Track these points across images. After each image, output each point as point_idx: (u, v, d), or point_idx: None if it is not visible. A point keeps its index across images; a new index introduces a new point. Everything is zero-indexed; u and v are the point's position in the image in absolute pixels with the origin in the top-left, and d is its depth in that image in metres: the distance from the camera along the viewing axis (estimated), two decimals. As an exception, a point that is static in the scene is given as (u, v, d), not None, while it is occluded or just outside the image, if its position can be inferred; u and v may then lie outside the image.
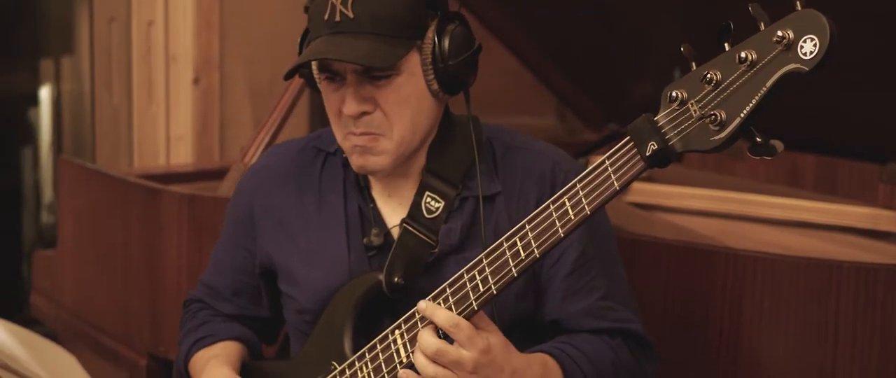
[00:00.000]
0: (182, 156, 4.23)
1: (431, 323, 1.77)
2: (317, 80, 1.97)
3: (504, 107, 4.43)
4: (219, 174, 3.35)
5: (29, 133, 5.36)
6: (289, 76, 1.91)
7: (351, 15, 1.84)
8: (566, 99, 4.12)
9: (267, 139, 3.00)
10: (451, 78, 1.91)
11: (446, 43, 1.89)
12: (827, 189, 3.38)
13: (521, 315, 2.00)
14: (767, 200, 3.17)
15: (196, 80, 4.18)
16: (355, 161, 1.95)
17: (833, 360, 2.33)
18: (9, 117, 5.28)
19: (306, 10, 1.94)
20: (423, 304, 1.78)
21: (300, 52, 1.97)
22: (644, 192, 3.35)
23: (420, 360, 1.77)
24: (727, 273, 2.40)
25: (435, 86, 1.92)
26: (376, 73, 1.87)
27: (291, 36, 2.05)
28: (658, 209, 3.27)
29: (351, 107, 1.89)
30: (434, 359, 1.75)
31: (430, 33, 1.90)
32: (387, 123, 1.90)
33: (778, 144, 1.53)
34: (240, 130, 4.31)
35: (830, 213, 3.09)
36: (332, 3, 1.85)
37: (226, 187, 2.97)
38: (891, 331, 2.31)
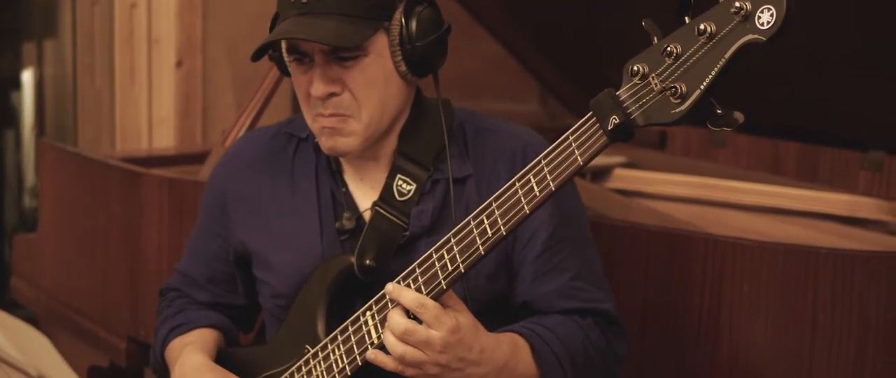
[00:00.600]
0: (164, 139, 4.22)
1: (400, 304, 1.78)
2: (286, 63, 1.97)
3: (486, 91, 4.43)
4: (200, 158, 3.34)
5: (11, 116, 5.35)
6: (256, 57, 1.91)
7: None
8: (549, 85, 4.12)
9: (248, 123, 2.99)
10: (419, 59, 1.92)
11: (414, 24, 1.90)
12: (808, 177, 3.38)
13: (493, 296, 2.01)
14: (747, 187, 3.18)
15: (179, 63, 4.17)
16: (324, 143, 1.95)
17: (811, 345, 2.34)
18: (-9, 100, 5.28)
19: None
20: (391, 286, 1.80)
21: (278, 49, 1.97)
22: (625, 178, 3.35)
23: (390, 339, 1.78)
24: (707, 259, 2.41)
25: (403, 67, 1.92)
26: (344, 54, 1.88)
27: (275, 19, 2.05)
28: (639, 195, 3.28)
29: (318, 88, 1.89)
30: (403, 338, 1.77)
31: (398, 15, 1.90)
32: (355, 105, 1.91)
33: (738, 116, 1.54)
34: (222, 114, 4.29)
35: (810, 199, 3.10)
36: None
37: (206, 171, 2.96)
38: (867, 316, 2.32)
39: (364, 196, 2.04)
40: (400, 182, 1.99)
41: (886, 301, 2.32)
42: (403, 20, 1.90)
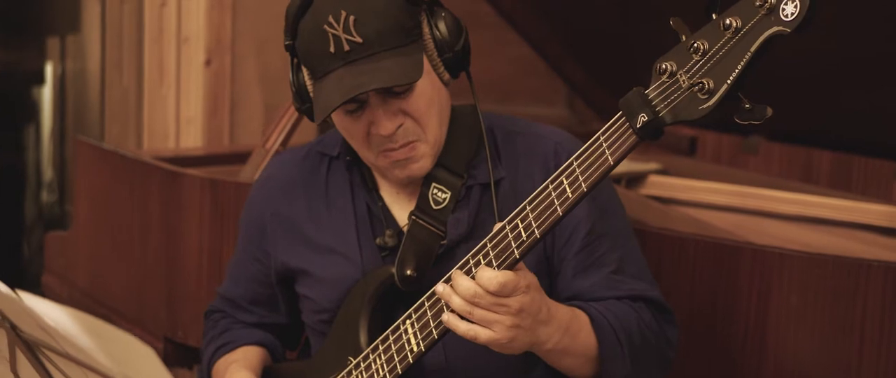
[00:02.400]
0: (192, 138, 4.22)
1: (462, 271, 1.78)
2: (330, 115, 1.93)
3: (514, 95, 4.43)
4: (229, 159, 3.35)
5: (32, 111, 5.34)
6: (318, 122, 1.91)
7: (360, 40, 1.83)
8: (579, 88, 4.12)
9: (288, 127, 2.98)
10: (458, 63, 1.93)
11: (444, 31, 1.91)
12: (841, 185, 3.38)
13: None
14: (785, 196, 3.16)
15: (208, 62, 4.16)
16: (399, 174, 1.96)
17: (859, 358, 2.33)
18: (13, 95, 5.27)
19: (290, 48, 1.92)
20: (441, 287, 1.80)
21: (297, 91, 1.94)
22: (660, 184, 3.35)
23: (460, 305, 1.77)
24: (754, 269, 2.40)
25: (446, 75, 1.94)
26: (399, 88, 1.88)
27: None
28: (673, 202, 3.27)
29: (387, 126, 1.89)
30: (474, 301, 1.76)
31: (425, 27, 1.90)
32: (419, 129, 1.92)
33: (767, 109, 1.55)
34: (250, 113, 4.29)
35: (848, 209, 3.09)
36: (334, 35, 1.83)
37: (248, 172, 2.95)
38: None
39: (401, 208, 2.04)
40: (435, 191, 1.99)
41: (936, 314, 2.32)
42: (434, 30, 1.91)
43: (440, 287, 1.81)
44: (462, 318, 1.78)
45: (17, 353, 1.45)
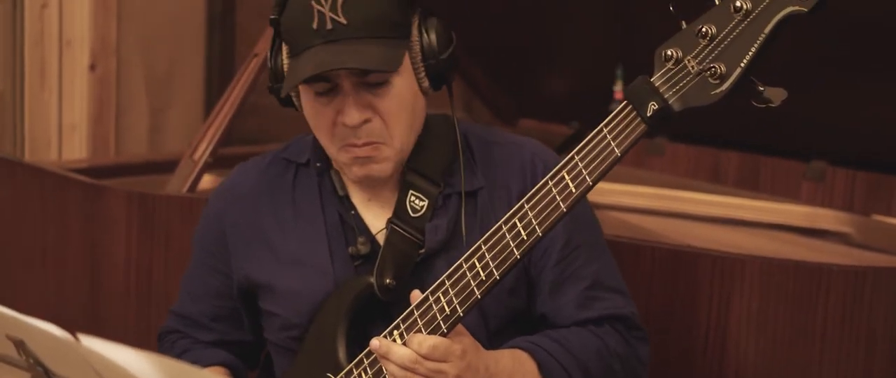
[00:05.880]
0: (76, 145, 4.04)
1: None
2: (298, 95, 1.90)
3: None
4: (144, 168, 3.22)
5: None
6: (285, 94, 1.87)
7: (344, 21, 1.79)
8: (478, 90, 4.09)
9: (217, 136, 2.86)
10: (440, 74, 1.89)
11: (433, 38, 1.87)
12: (749, 186, 3.43)
13: (514, 311, 1.98)
14: (708, 199, 3.22)
15: (92, 66, 4.00)
16: (357, 172, 1.90)
17: (819, 362, 2.36)
18: None
19: (274, 23, 1.87)
20: (376, 342, 1.78)
21: (273, 70, 1.91)
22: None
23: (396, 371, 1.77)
24: (714, 275, 2.40)
25: (426, 83, 1.89)
26: (374, 80, 1.83)
27: (191, 19, 1.97)
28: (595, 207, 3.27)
29: (353, 116, 1.83)
30: (412, 368, 1.75)
31: (415, 30, 1.86)
32: (386, 131, 1.87)
33: (780, 91, 1.55)
34: (137, 118, 4.16)
35: (770, 211, 3.15)
36: (319, 11, 1.79)
37: (175, 184, 2.82)
38: (875, 333, 2.35)
39: (375, 217, 1.98)
40: (412, 198, 1.94)
41: (895, 316, 2.36)
42: (423, 34, 1.86)
43: (375, 342, 1.79)
44: None
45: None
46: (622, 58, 3.53)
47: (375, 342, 1.77)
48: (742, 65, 1.52)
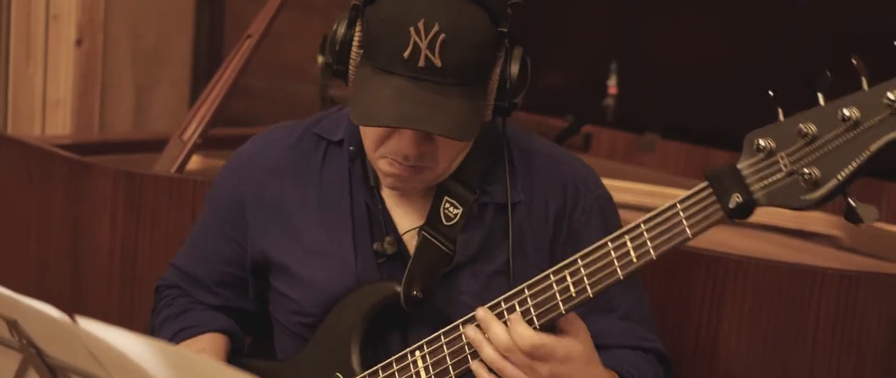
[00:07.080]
0: (60, 121, 4.00)
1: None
2: (354, 69, 1.77)
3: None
4: (99, 148, 3.17)
5: None
6: (355, 122, 1.76)
7: (438, 64, 1.66)
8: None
9: (208, 117, 2.80)
10: (506, 111, 1.78)
11: (513, 76, 1.74)
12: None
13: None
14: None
15: (79, 42, 3.95)
16: (392, 183, 1.82)
17: (810, 364, 2.35)
18: None
19: (359, 8, 1.74)
20: (472, 332, 1.71)
21: (341, 46, 1.75)
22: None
23: (492, 357, 1.70)
24: (708, 275, 2.38)
25: (489, 116, 1.78)
26: None
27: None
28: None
29: (411, 149, 1.74)
30: (507, 356, 1.68)
31: (498, 66, 1.74)
32: (436, 159, 1.77)
33: (873, 210, 1.48)
34: (122, 95, 4.11)
35: (762, 212, 3.10)
36: (416, 43, 1.66)
37: (164, 164, 2.77)
38: (867, 337, 2.34)
39: (404, 215, 1.90)
40: (447, 205, 1.85)
41: (887, 322, 2.34)
42: (505, 73, 1.73)
43: (471, 331, 1.71)
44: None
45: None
46: (617, 53, 3.51)
47: (481, 312, 1.70)
48: (839, 178, 1.44)
